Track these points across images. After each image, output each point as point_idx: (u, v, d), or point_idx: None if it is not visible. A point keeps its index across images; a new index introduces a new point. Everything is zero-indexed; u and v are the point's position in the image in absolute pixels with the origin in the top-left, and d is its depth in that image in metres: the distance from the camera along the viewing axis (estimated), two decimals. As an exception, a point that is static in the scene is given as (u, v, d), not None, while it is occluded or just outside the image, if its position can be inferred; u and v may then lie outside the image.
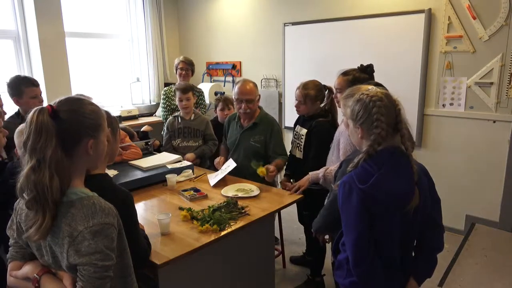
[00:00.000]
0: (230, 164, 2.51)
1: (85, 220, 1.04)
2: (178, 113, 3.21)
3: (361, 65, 2.22)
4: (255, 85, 2.72)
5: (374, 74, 2.26)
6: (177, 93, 3.09)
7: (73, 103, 1.13)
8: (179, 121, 3.14)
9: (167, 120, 3.23)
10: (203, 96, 3.85)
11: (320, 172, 2.18)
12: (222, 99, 3.38)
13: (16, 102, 2.56)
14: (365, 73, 2.18)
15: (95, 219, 1.04)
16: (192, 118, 3.14)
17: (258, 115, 2.74)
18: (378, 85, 2.10)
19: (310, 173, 2.26)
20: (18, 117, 2.54)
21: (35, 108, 1.07)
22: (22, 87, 2.52)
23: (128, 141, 2.93)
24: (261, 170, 2.34)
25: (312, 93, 2.47)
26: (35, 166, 1.03)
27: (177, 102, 3.17)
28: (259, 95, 2.75)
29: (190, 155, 2.98)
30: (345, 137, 2.00)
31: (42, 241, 1.11)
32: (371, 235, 1.30)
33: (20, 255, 1.21)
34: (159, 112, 4.77)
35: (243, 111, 2.67)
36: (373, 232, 1.30)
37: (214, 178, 2.48)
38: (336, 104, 2.36)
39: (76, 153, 1.11)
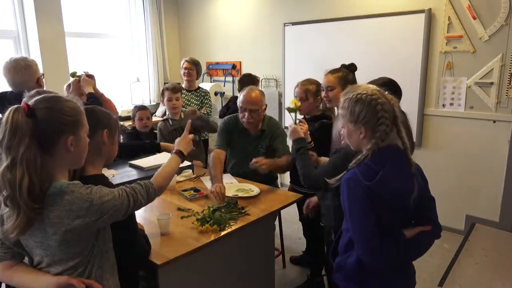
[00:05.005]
0: (232, 182, 2.47)
1: (86, 199, 1.11)
2: (166, 116, 3.21)
3: (343, 64, 2.23)
4: (262, 94, 2.56)
5: (377, 74, 2.25)
6: (166, 93, 3.04)
7: (49, 101, 1.14)
8: (170, 123, 3.10)
9: (158, 126, 3.19)
10: (209, 97, 3.84)
11: None
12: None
13: None
14: (349, 71, 2.20)
15: (97, 194, 1.13)
16: (182, 116, 3.13)
17: (264, 121, 2.62)
18: (390, 81, 2.11)
19: None
20: None
21: (11, 107, 1.08)
22: None
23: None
24: (293, 101, 2.19)
25: (312, 88, 2.44)
26: (10, 165, 1.05)
27: (165, 103, 3.13)
28: (266, 105, 2.58)
29: (198, 162, 2.97)
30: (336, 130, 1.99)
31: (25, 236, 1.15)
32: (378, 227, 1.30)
33: (9, 255, 1.23)
34: (159, 112, 4.78)
35: (247, 120, 2.51)
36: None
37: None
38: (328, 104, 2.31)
39: (57, 151, 1.13)
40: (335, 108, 2.26)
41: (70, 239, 1.12)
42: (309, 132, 2.38)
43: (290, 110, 2.15)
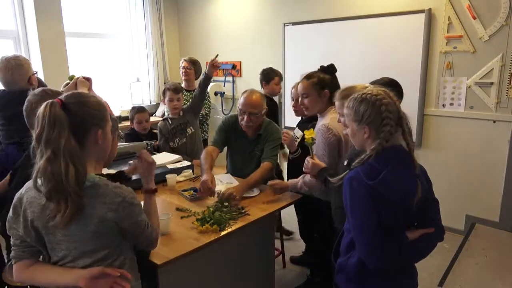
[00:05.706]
0: (232, 182, 2.44)
1: (119, 194, 1.17)
2: (166, 116, 3.21)
3: (322, 66, 2.16)
4: (263, 98, 2.54)
5: (377, 74, 2.24)
6: (168, 93, 3.04)
7: (78, 96, 1.19)
8: (170, 122, 3.11)
9: (158, 125, 3.18)
10: (208, 97, 3.83)
11: (298, 180, 2.07)
12: None
13: None
14: (327, 74, 2.11)
15: (130, 193, 1.20)
16: (181, 114, 3.15)
17: (262, 125, 2.58)
18: (392, 81, 2.08)
19: (289, 182, 2.17)
20: None
21: (46, 102, 1.11)
22: None
23: None
24: (309, 132, 1.94)
25: None
26: (51, 157, 1.07)
27: (166, 103, 3.13)
28: (266, 109, 2.55)
29: (198, 162, 2.97)
30: (318, 142, 1.95)
31: (62, 230, 1.16)
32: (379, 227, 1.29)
33: (28, 254, 1.23)
34: (159, 112, 4.78)
35: (245, 123, 2.48)
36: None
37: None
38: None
39: (86, 144, 1.17)
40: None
41: (103, 231, 1.16)
42: (296, 141, 2.34)
43: (308, 144, 1.96)
